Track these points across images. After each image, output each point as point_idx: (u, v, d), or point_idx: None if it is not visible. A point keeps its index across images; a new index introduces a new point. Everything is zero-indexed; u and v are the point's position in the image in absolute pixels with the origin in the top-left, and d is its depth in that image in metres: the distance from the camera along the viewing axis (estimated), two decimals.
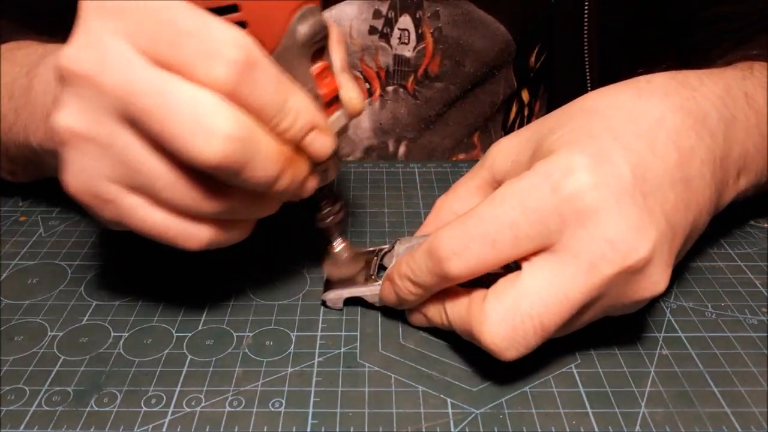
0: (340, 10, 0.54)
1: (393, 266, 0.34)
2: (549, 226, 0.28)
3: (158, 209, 0.30)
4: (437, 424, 0.29)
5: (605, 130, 0.30)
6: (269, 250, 0.42)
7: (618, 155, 0.29)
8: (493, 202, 0.29)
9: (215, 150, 0.27)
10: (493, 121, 0.61)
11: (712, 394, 0.31)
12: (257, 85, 0.27)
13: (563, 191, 0.28)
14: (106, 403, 0.31)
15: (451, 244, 0.29)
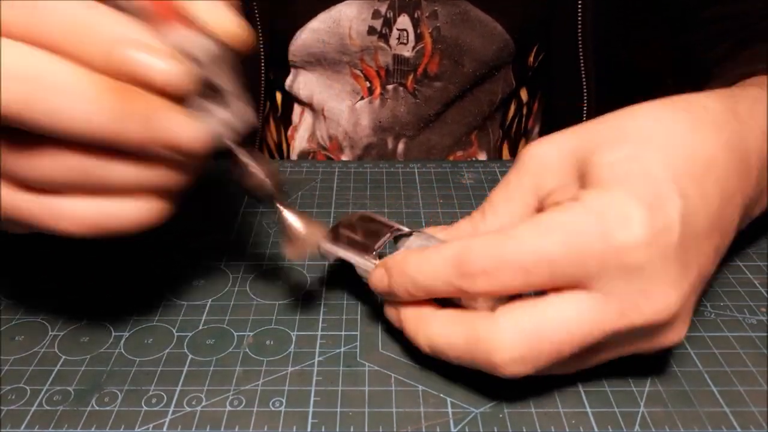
0: (338, 11, 0.54)
1: (394, 258, 0.32)
2: (589, 270, 0.27)
3: (21, 190, 0.27)
4: (437, 423, 0.30)
5: (663, 169, 0.29)
6: (269, 250, 0.42)
7: (673, 205, 0.28)
8: (537, 230, 0.28)
9: None
10: (491, 120, 0.61)
11: (712, 393, 0.31)
12: (33, 11, 0.24)
13: (614, 242, 0.27)
14: (107, 402, 0.31)
15: (482, 263, 0.28)
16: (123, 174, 0.26)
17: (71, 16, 0.24)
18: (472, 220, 0.34)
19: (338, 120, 0.58)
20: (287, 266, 0.40)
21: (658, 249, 0.27)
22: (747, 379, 0.32)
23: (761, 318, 0.36)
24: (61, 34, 0.24)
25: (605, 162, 0.29)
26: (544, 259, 0.27)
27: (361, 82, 0.56)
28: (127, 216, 0.28)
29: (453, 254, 0.29)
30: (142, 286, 0.38)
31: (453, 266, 0.28)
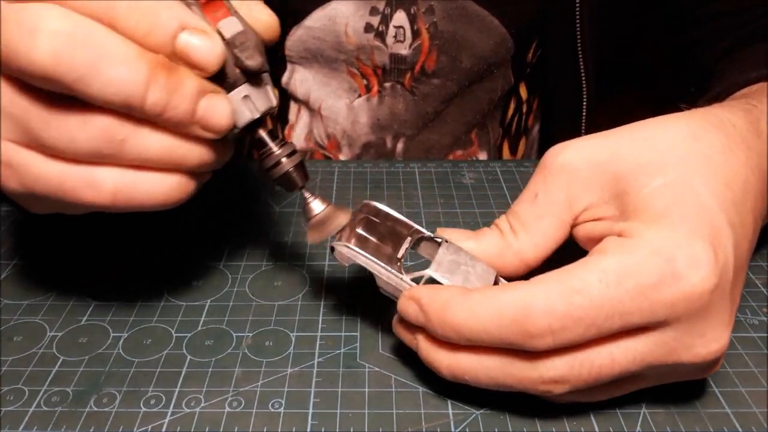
0: (333, 8, 0.54)
1: (432, 297, 0.28)
2: (657, 314, 0.26)
3: (52, 160, 0.27)
4: (438, 424, 0.29)
5: (711, 197, 0.28)
6: (268, 250, 0.42)
7: (727, 240, 0.27)
8: (608, 281, 0.26)
9: (43, 49, 0.24)
10: (490, 118, 0.61)
11: (713, 394, 0.31)
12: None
13: (686, 287, 0.26)
14: (106, 403, 0.30)
15: (548, 322, 0.26)
16: (156, 145, 0.28)
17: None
18: (502, 234, 0.32)
19: (336, 118, 0.58)
20: (287, 266, 0.40)
21: (721, 290, 0.27)
22: (749, 380, 0.32)
23: (762, 318, 0.36)
24: (125, 13, 0.26)
25: (652, 188, 0.28)
26: (617, 312, 0.26)
27: (358, 80, 0.56)
28: (155, 190, 0.28)
29: (513, 312, 0.26)
30: (141, 286, 0.38)
31: (514, 325, 0.26)
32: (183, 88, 0.27)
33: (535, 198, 0.32)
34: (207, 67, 0.27)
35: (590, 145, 0.31)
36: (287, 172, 0.31)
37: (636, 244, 0.27)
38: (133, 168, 0.28)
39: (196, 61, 0.27)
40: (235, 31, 0.28)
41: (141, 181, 0.28)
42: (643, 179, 0.29)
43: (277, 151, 0.31)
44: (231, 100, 0.29)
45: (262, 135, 0.31)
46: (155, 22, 0.26)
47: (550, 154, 0.32)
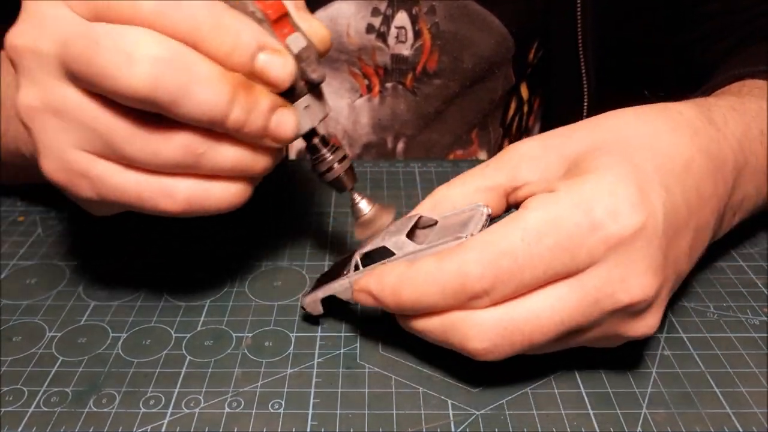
0: (336, 9, 0.54)
1: (372, 277, 0.31)
2: (578, 263, 0.28)
3: (129, 171, 0.29)
4: (438, 425, 0.29)
5: (647, 162, 0.30)
6: (268, 250, 0.42)
7: (657, 195, 0.29)
8: (529, 239, 0.27)
9: (142, 74, 0.26)
10: (491, 117, 0.61)
11: (714, 394, 0.31)
12: (184, 6, 0.27)
13: (603, 232, 0.27)
14: (105, 404, 0.30)
15: (483, 286, 0.28)
16: (230, 158, 0.30)
17: (217, 18, 0.27)
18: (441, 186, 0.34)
19: (337, 118, 0.57)
20: (287, 266, 0.40)
21: (644, 238, 0.28)
22: (749, 380, 0.32)
23: (764, 319, 0.36)
24: (209, 35, 0.27)
25: (593, 162, 0.30)
26: (540, 265, 0.27)
27: (360, 80, 0.56)
28: (222, 197, 0.30)
29: (453, 284, 0.28)
30: (140, 286, 0.38)
31: (456, 294, 0.28)
32: (259, 106, 0.29)
33: (486, 167, 0.34)
34: (281, 84, 0.29)
35: (547, 135, 0.33)
36: (339, 176, 0.33)
37: (558, 198, 0.28)
38: (205, 178, 0.30)
39: (272, 79, 0.29)
40: (301, 46, 0.30)
41: (212, 190, 0.30)
42: (586, 154, 0.30)
43: (329, 157, 0.33)
44: (298, 111, 0.31)
45: (316, 143, 0.33)
46: (236, 43, 0.28)
47: (513, 144, 0.34)
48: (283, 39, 0.30)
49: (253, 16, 0.29)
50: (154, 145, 0.28)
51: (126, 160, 0.29)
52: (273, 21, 0.29)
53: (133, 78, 0.26)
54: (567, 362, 0.33)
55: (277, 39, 0.30)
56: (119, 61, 0.26)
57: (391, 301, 0.30)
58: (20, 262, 0.40)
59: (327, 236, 0.43)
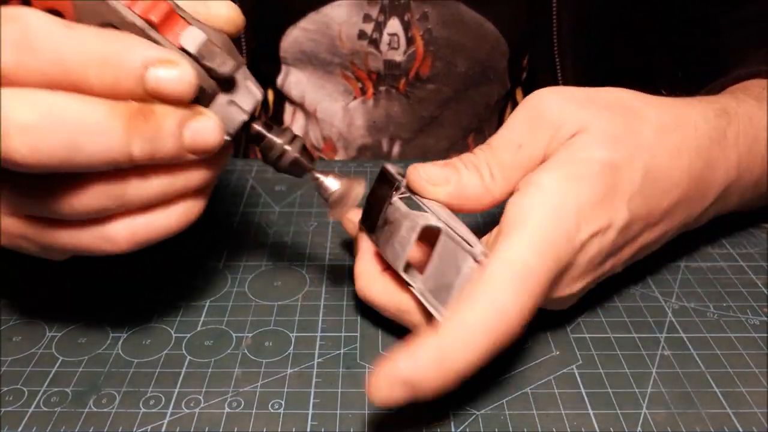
0: (326, 14, 0.53)
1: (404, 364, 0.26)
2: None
3: (60, 228, 0.28)
4: (438, 424, 0.29)
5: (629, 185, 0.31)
6: (268, 250, 0.42)
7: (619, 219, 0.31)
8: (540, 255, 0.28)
9: (18, 148, 0.23)
10: (487, 123, 0.61)
11: (714, 394, 0.31)
12: (42, 49, 0.24)
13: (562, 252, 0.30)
14: (105, 404, 0.30)
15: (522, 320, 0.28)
16: (158, 187, 0.27)
17: (86, 50, 0.24)
18: (482, 179, 0.32)
19: (332, 121, 0.57)
20: (287, 266, 0.40)
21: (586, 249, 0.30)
22: (749, 380, 0.32)
23: (764, 319, 0.36)
24: (83, 72, 0.24)
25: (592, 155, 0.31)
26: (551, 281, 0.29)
27: (353, 83, 0.56)
28: (172, 222, 0.29)
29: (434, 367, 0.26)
30: (140, 286, 0.38)
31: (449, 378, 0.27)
32: (164, 129, 0.26)
33: (519, 149, 0.32)
34: (183, 97, 0.26)
35: (578, 103, 0.32)
36: (294, 158, 0.30)
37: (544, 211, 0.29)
38: (141, 212, 0.28)
39: (170, 95, 0.26)
40: (198, 42, 0.26)
41: (153, 220, 0.28)
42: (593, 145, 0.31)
43: (278, 142, 0.30)
44: (216, 111, 0.28)
45: (258, 129, 0.30)
46: (117, 70, 0.25)
47: (542, 102, 0.33)
48: (177, 39, 0.26)
49: (134, 28, 0.26)
50: (67, 202, 0.26)
51: (53, 219, 0.27)
52: (158, 24, 0.26)
53: (9, 153, 0.23)
54: (567, 362, 0.33)
55: (170, 43, 0.26)
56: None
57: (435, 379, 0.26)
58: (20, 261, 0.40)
59: (327, 236, 0.43)
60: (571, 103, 0.32)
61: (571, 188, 0.30)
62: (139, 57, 0.25)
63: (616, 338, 0.34)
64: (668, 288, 0.38)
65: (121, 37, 0.25)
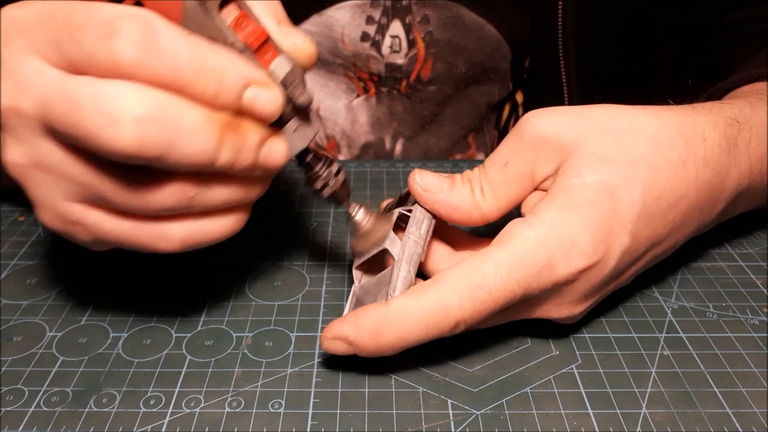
0: (330, 16, 0.53)
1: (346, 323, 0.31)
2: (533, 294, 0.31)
3: (122, 219, 0.29)
4: (438, 425, 0.29)
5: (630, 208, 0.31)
6: (268, 251, 0.42)
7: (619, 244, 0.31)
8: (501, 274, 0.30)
9: (127, 137, 0.25)
10: (487, 121, 0.61)
11: (714, 394, 0.31)
12: (164, 53, 0.26)
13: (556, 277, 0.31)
14: (105, 403, 0.30)
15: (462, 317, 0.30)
16: (222, 195, 0.29)
17: (199, 60, 0.26)
18: (473, 192, 0.34)
19: (335, 119, 0.57)
20: (287, 266, 0.40)
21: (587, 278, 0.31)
22: (749, 380, 0.32)
23: (763, 318, 0.36)
24: (192, 79, 0.26)
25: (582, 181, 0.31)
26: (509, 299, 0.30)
27: (356, 83, 0.56)
28: (219, 230, 0.31)
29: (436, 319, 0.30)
30: (140, 286, 0.38)
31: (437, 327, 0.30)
32: (248, 143, 0.28)
33: (506, 166, 0.33)
34: (270, 117, 0.29)
35: (564, 123, 0.33)
36: (334, 192, 0.33)
37: (528, 235, 0.30)
38: (199, 216, 0.30)
39: (260, 114, 0.28)
40: (286, 71, 0.29)
41: (207, 226, 0.30)
42: (583, 169, 0.31)
43: (324, 173, 0.33)
44: (285, 136, 0.30)
45: (309, 161, 0.33)
46: (221, 83, 0.27)
47: (527, 124, 0.33)
48: (267, 65, 0.29)
49: (234, 47, 0.28)
50: (143, 195, 0.28)
51: (118, 209, 0.29)
52: (255, 50, 0.28)
53: (117, 140, 0.25)
54: (567, 361, 0.33)
55: (261, 67, 0.29)
56: (102, 123, 0.25)
57: (371, 344, 0.30)
58: (21, 261, 0.40)
59: (327, 236, 0.43)
60: (556, 122, 0.33)
61: (563, 220, 0.31)
62: (242, 75, 0.27)
63: (616, 338, 0.34)
64: (668, 288, 0.38)
65: (227, 54, 0.27)
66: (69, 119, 0.26)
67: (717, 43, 0.57)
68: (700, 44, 0.58)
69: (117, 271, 0.39)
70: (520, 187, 0.33)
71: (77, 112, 0.25)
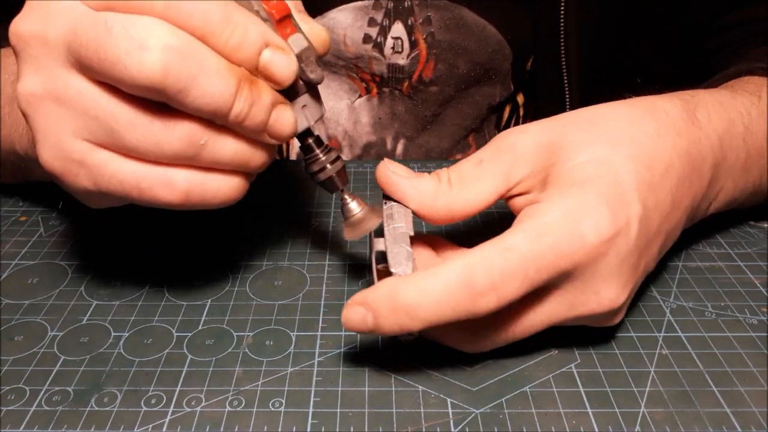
0: (332, 18, 0.53)
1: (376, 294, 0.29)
2: (564, 271, 0.29)
3: (128, 160, 0.29)
4: (437, 423, 0.29)
5: (628, 176, 0.31)
6: (269, 250, 0.42)
7: (634, 212, 0.31)
8: (533, 239, 0.29)
9: (152, 62, 0.26)
10: (487, 121, 0.61)
11: (712, 393, 0.31)
12: (196, 2, 0.27)
13: (586, 244, 0.29)
14: (106, 403, 0.31)
15: (490, 278, 0.28)
16: (230, 150, 0.30)
17: (226, 13, 0.28)
18: (440, 182, 0.34)
19: (337, 119, 0.58)
20: (287, 266, 0.40)
21: (617, 254, 0.30)
22: (748, 380, 0.32)
23: (762, 318, 0.36)
24: (218, 29, 0.28)
25: (576, 162, 0.31)
26: (542, 265, 0.29)
27: (358, 83, 0.56)
28: (220, 190, 0.31)
29: (459, 278, 0.28)
30: (141, 286, 0.38)
31: (461, 290, 0.28)
32: (261, 100, 0.29)
33: (480, 163, 0.34)
34: (284, 81, 0.30)
35: (539, 128, 0.34)
36: (331, 177, 0.34)
37: (549, 208, 0.30)
38: (204, 170, 0.30)
39: (275, 75, 0.29)
40: (302, 46, 0.30)
41: (210, 182, 0.30)
42: (571, 154, 0.32)
43: (322, 157, 0.34)
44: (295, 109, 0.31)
45: (310, 142, 0.34)
46: (244, 38, 0.28)
47: (504, 133, 0.34)
48: (285, 39, 0.30)
49: (258, 15, 0.30)
50: (156, 134, 0.28)
51: (126, 149, 0.29)
52: (277, 21, 0.30)
53: (144, 65, 0.26)
54: (566, 361, 0.33)
55: (280, 35, 0.30)
56: (130, 48, 0.26)
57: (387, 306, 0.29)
58: (22, 261, 0.41)
59: (327, 236, 0.43)
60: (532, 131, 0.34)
61: (577, 194, 0.30)
62: (263, 35, 0.29)
63: (615, 337, 0.34)
64: (666, 287, 0.38)
65: (251, 16, 0.29)
66: (97, 43, 0.27)
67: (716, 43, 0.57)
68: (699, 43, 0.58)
69: (117, 271, 0.39)
70: (492, 185, 0.33)
71: (106, 37, 0.26)
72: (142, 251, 0.41)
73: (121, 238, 0.42)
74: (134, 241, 0.42)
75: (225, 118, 0.29)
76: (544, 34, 0.56)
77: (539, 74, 0.59)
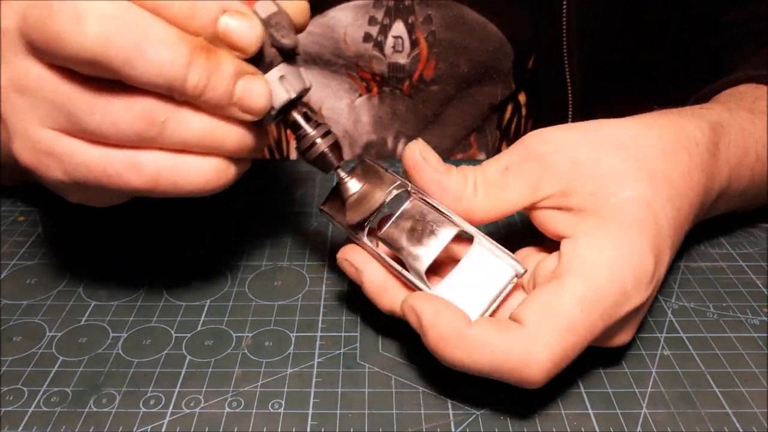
0: (332, 17, 0.53)
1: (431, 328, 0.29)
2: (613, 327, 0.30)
3: (94, 146, 0.28)
4: (438, 425, 0.29)
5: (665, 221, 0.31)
6: (268, 250, 0.42)
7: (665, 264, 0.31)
8: (587, 311, 0.28)
9: (91, 32, 0.25)
10: (489, 121, 0.61)
11: (714, 394, 0.31)
12: None
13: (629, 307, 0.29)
14: (105, 403, 0.30)
15: (549, 369, 0.28)
16: (196, 128, 0.28)
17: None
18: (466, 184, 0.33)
19: (338, 119, 0.57)
20: (287, 266, 0.40)
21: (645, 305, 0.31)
22: (749, 380, 0.32)
23: (763, 318, 0.36)
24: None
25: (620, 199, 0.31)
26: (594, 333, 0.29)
27: (358, 82, 0.56)
28: (196, 173, 0.29)
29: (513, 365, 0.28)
30: (140, 286, 0.38)
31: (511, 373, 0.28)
32: (222, 70, 0.27)
33: (506, 170, 0.33)
34: (247, 48, 0.28)
35: (573, 140, 0.32)
36: (322, 152, 0.31)
37: (599, 264, 0.29)
38: (174, 152, 0.29)
39: (236, 43, 0.28)
40: (270, 11, 0.28)
41: (182, 165, 0.29)
42: (614, 188, 0.31)
43: (311, 132, 0.31)
44: (268, 80, 0.29)
45: (296, 117, 0.31)
46: (196, 6, 0.27)
47: (535, 139, 0.33)
48: (251, 4, 0.28)
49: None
50: (113, 114, 0.27)
51: (89, 134, 0.28)
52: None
53: (82, 36, 0.25)
54: None
55: (245, 4, 0.28)
56: (69, 21, 0.25)
57: (433, 343, 0.29)
58: (20, 261, 0.40)
59: (327, 236, 0.43)
60: (564, 138, 0.33)
61: (624, 241, 0.30)
62: (220, 1, 0.27)
63: None
64: (668, 288, 0.38)
65: None
66: (41, 21, 0.26)
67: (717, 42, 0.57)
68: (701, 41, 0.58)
69: (116, 272, 0.39)
70: (517, 194, 0.32)
71: (48, 14, 0.26)
72: (141, 252, 0.41)
73: (119, 239, 0.42)
74: (133, 241, 0.42)
75: (181, 90, 0.27)
76: (546, 32, 0.56)
77: (541, 73, 0.59)
